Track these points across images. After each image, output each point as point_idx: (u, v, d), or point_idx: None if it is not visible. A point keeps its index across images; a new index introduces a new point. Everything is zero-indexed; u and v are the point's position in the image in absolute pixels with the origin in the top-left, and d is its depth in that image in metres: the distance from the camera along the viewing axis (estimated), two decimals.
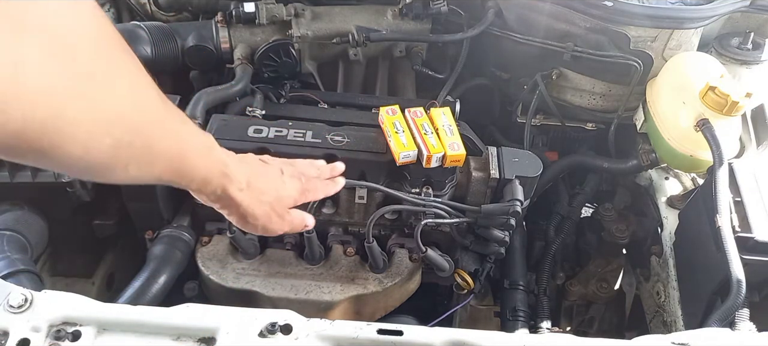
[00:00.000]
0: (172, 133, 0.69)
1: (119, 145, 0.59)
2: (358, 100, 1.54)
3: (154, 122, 0.64)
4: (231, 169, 0.82)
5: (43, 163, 0.57)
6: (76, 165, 0.58)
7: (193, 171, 0.75)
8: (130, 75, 0.60)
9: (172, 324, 0.85)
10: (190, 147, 0.73)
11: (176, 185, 0.76)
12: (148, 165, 0.66)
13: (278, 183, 0.95)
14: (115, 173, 0.63)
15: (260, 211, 0.90)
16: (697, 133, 1.31)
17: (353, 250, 1.32)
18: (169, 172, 0.71)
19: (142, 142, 0.63)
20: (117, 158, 0.61)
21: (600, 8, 1.41)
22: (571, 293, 1.71)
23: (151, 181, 0.70)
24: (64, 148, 0.54)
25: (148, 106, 0.63)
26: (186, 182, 0.76)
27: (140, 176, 0.66)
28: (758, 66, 1.47)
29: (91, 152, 0.57)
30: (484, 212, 1.25)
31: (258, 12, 1.50)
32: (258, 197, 0.89)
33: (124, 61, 0.59)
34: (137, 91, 0.61)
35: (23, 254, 1.23)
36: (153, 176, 0.69)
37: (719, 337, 0.93)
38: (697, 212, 1.30)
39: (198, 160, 0.75)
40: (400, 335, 0.84)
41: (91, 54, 0.54)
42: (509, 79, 1.69)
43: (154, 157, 0.66)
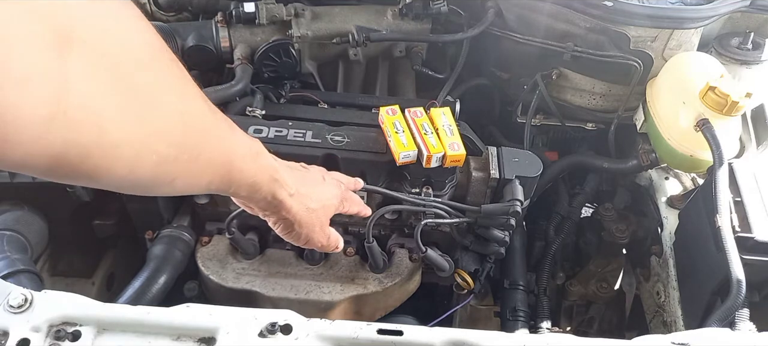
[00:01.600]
0: (219, 142, 0.66)
1: (165, 161, 0.57)
2: (358, 100, 1.54)
3: (200, 134, 0.62)
4: (280, 174, 0.81)
5: (86, 183, 0.54)
6: (121, 184, 0.56)
7: (242, 178, 0.73)
8: (177, 87, 0.57)
9: (172, 324, 0.85)
10: (237, 155, 0.71)
11: (225, 193, 0.74)
12: (195, 177, 0.64)
13: (322, 189, 0.94)
14: (160, 189, 0.61)
15: (307, 218, 0.90)
16: (697, 133, 1.31)
17: (353, 250, 1.32)
18: (218, 181, 0.69)
19: (188, 155, 0.60)
20: (163, 174, 0.58)
21: (600, 8, 1.41)
22: (571, 293, 1.71)
23: (198, 191, 0.69)
24: (110, 170, 0.51)
25: (193, 118, 0.60)
26: (235, 189, 0.74)
27: (188, 188, 0.65)
28: (758, 66, 1.47)
29: (136, 172, 0.54)
30: (484, 212, 1.25)
31: (258, 12, 1.50)
32: (306, 203, 0.88)
33: (171, 73, 0.56)
34: (183, 104, 0.58)
35: (23, 254, 1.23)
36: (201, 187, 0.67)
37: (719, 337, 0.93)
38: (697, 212, 1.30)
39: (246, 167, 0.73)
40: (400, 335, 0.84)
41: (138, 69, 0.51)
42: (509, 79, 1.69)
43: (201, 168, 0.64)
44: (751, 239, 1.17)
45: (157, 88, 0.54)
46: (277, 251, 1.32)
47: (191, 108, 0.59)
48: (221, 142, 0.67)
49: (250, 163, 0.74)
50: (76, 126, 0.45)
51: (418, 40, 1.61)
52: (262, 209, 0.85)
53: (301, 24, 1.52)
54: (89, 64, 0.44)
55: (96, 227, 1.42)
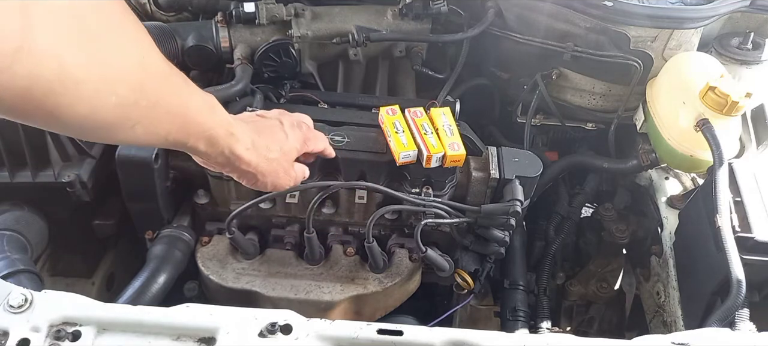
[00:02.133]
0: (176, 91, 0.70)
1: (125, 104, 0.60)
2: (358, 100, 1.54)
3: (158, 81, 0.65)
4: (236, 128, 0.83)
5: (50, 123, 0.57)
6: (83, 124, 0.59)
7: (199, 130, 0.76)
8: (135, 36, 0.61)
9: (172, 324, 0.85)
10: (194, 105, 0.73)
11: (182, 146, 0.76)
12: (154, 124, 0.67)
13: (281, 136, 0.95)
14: (121, 133, 0.64)
15: (268, 168, 0.91)
16: (697, 133, 1.31)
17: (353, 250, 1.32)
18: (175, 131, 0.71)
19: (147, 101, 0.63)
20: (123, 117, 0.62)
21: (600, 8, 1.41)
22: (571, 293, 1.71)
23: (158, 142, 0.71)
24: (71, 107, 0.54)
25: (152, 65, 0.64)
26: (193, 141, 0.76)
27: (147, 136, 0.67)
28: (758, 66, 1.47)
29: (97, 111, 0.57)
30: (484, 212, 1.25)
31: (258, 12, 1.50)
32: (265, 154, 0.90)
33: (129, 23, 0.60)
34: (142, 52, 0.62)
35: (23, 254, 1.23)
36: (159, 137, 0.70)
37: (719, 337, 0.93)
38: (697, 212, 1.30)
39: (203, 119, 0.76)
40: (400, 335, 0.84)
41: (98, 15, 0.55)
42: (509, 79, 1.69)
43: (160, 115, 0.67)
44: (751, 239, 1.17)
45: (117, 34, 0.58)
46: (277, 251, 1.32)
47: (149, 57, 0.63)
48: (178, 91, 0.70)
49: (206, 115, 0.76)
50: (39, 61, 0.49)
51: (418, 40, 1.60)
52: (221, 166, 0.86)
53: (301, 24, 1.52)
54: (51, 9, 0.49)
55: (96, 227, 1.42)
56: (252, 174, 0.90)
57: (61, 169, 1.29)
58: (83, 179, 1.28)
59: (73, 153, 1.31)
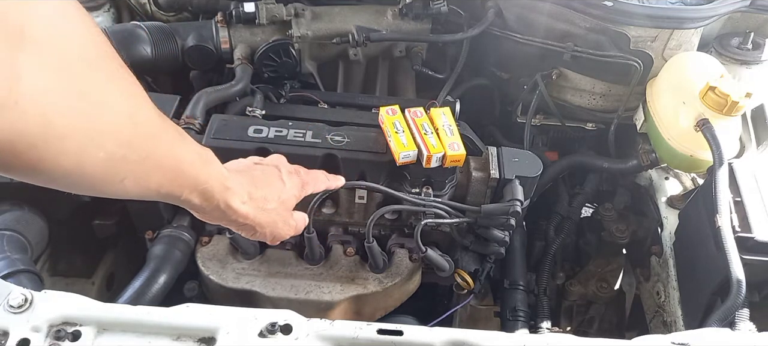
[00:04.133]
0: (168, 145, 0.68)
1: (113, 159, 0.59)
2: (358, 100, 1.54)
3: (149, 136, 0.63)
4: (231, 182, 0.81)
5: (34, 177, 0.56)
6: (68, 179, 0.57)
7: (193, 184, 0.74)
8: (126, 89, 0.59)
9: (172, 324, 0.85)
10: (187, 159, 0.72)
11: (176, 200, 0.74)
12: (144, 179, 0.65)
13: (278, 186, 0.93)
14: (110, 187, 0.62)
15: (267, 219, 0.89)
16: (697, 133, 1.31)
17: (353, 250, 1.32)
18: (167, 184, 0.70)
19: (137, 155, 0.62)
20: (112, 172, 0.60)
21: (600, 8, 1.41)
22: (571, 293, 1.71)
23: (149, 195, 0.69)
24: (55, 161, 0.53)
25: (143, 120, 0.62)
26: (186, 195, 0.74)
27: (137, 189, 0.65)
28: (758, 66, 1.47)
29: (83, 166, 0.56)
30: (484, 212, 1.25)
31: (258, 12, 1.50)
32: (262, 206, 0.88)
33: (120, 76, 0.59)
34: (131, 105, 0.60)
35: (23, 254, 1.23)
36: (150, 190, 0.68)
37: (719, 337, 0.93)
38: (697, 212, 1.30)
39: (196, 172, 0.74)
40: (400, 335, 0.84)
41: (87, 68, 0.54)
42: (509, 79, 1.69)
43: (150, 169, 0.65)
44: (751, 239, 1.17)
45: (106, 88, 0.57)
46: (277, 251, 1.32)
47: (140, 110, 0.61)
48: (170, 145, 0.68)
49: (200, 168, 0.75)
50: (24, 116, 0.48)
51: (418, 40, 1.61)
52: (218, 219, 0.83)
53: (301, 24, 1.52)
54: (39, 60, 0.48)
55: (96, 227, 1.42)
56: (250, 226, 0.88)
57: None
58: None
59: None
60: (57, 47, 0.50)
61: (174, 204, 0.76)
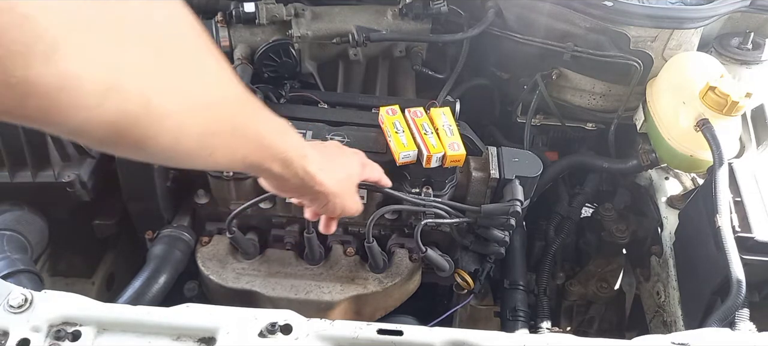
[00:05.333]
0: (252, 115, 0.71)
1: (206, 133, 0.62)
2: (358, 100, 1.54)
3: (235, 107, 0.67)
4: (307, 150, 0.84)
5: (136, 153, 0.59)
6: (166, 154, 0.60)
7: (274, 153, 0.77)
8: (215, 64, 0.62)
9: (172, 324, 0.85)
10: (269, 129, 0.75)
11: (258, 169, 0.77)
12: (232, 150, 0.69)
13: (344, 160, 0.97)
14: (201, 160, 0.65)
15: (339, 189, 0.92)
16: (697, 133, 1.31)
17: (353, 250, 1.32)
18: (252, 154, 0.73)
19: (226, 127, 0.65)
20: (204, 146, 0.63)
21: (600, 8, 1.41)
22: (571, 293, 1.71)
23: (235, 166, 0.72)
24: (156, 139, 0.56)
25: (230, 92, 0.65)
26: (268, 163, 0.77)
27: (225, 161, 0.69)
28: (758, 66, 1.47)
29: (180, 141, 0.59)
30: (484, 212, 1.25)
31: (258, 12, 1.50)
32: (334, 175, 0.91)
33: (209, 51, 0.61)
34: (221, 81, 0.63)
35: (23, 254, 1.23)
36: (236, 161, 0.71)
37: (719, 337, 0.93)
38: (697, 212, 1.30)
39: (278, 142, 0.77)
40: (400, 335, 0.84)
41: (181, 46, 0.57)
42: (509, 79, 1.69)
43: (238, 141, 0.69)
44: (751, 239, 1.17)
45: (198, 64, 0.60)
46: (277, 251, 1.32)
47: (228, 83, 0.65)
48: (254, 116, 0.71)
49: (280, 137, 0.78)
50: (128, 97, 0.51)
51: (418, 40, 1.60)
52: (296, 189, 0.86)
53: (301, 24, 1.52)
54: (138, 41, 0.51)
55: (96, 227, 1.42)
56: (324, 195, 0.90)
57: (61, 170, 1.29)
58: (83, 178, 1.29)
59: (73, 153, 1.31)
60: (153, 27, 0.53)
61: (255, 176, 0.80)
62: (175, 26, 0.57)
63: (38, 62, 0.43)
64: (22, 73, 0.43)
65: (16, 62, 0.43)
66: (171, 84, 0.56)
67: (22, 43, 0.42)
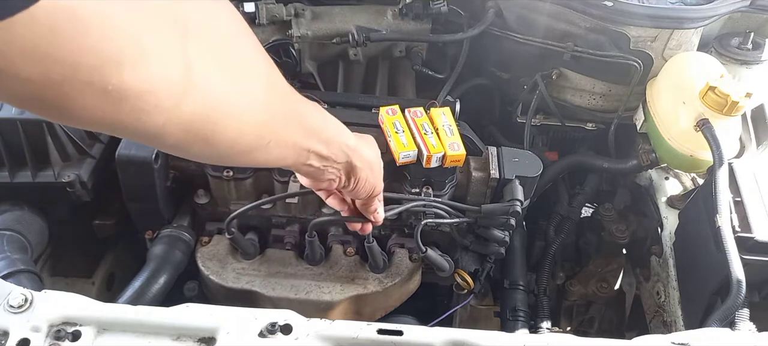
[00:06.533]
0: (295, 103, 0.73)
1: (261, 124, 0.65)
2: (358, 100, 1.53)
3: (282, 98, 0.69)
4: (340, 126, 0.85)
5: (206, 153, 0.61)
6: (230, 150, 0.63)
7: (318, 134, 0.79)
8: (262, 57, 0.65)
9: (172, 324, 0.85)
10: (309, 112, 0.77)
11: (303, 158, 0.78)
12: (283, 138, 0.71)
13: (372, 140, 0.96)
14: (258, 153, 0.68)
15: (376, 161, 0.93)
16: (697, 133, 1.31)
17: (353, 250, 1.32)
18: (300, 140, 0.75)
19: (277, 117, 0.68)
20: (260, 137, 0.66)
21: (600, 8, 1.41)
22: (571, 293, 1.71)
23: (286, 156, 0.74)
24: (223, 134, 0.59)
25: (277, 83, 0.68)
26: (314, 145, 0.78)
27: (278, 150, 0.71)
28: (758, 66, 1.47)
29: (242, 135, 0.62)
30: (484, 212, 1.25)
31: (258, 12, 1.50)
32: (370, 148, 0.92)
33: (257, 46, 0.64)
34: (269, 72, 0.66)
35: (23, 254, 1.23)
36: (288, 148, 0.74)
37: (719, 337, 0.93)
38: (697, 212, 1.30)
39: (317, 123, 0.79)
40: (400, 335, 0.84)
41: (236, 46, 0.59)
42: (509, 79, 1.69)
43: (287, 129, 0.72)
44: (751, 239, 1.17)
45: (251, 60, 0.62)
46: (277, 251, 1.32)
47: (274, 75, 0.67)
48: (296, 103, 0.74)
49: (319, 118, 0.80)
50: (201, 98, 0.53)
51: (418, 40, 1.60)
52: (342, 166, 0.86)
53: (301, 24, 1.52)
54: (203, 45, 0.53)
55: (96, 227, 1.42)
56: (364, 171, 0.90)
57: (61, 170, 1.29)
58: (83, 178, 1.28)
59: (73, 153, 1.31)
60: (213, 28, 0.55)
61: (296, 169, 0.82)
62: (230, 25, 0.59)
63: (129, 68, 0.45)
64: (117, 79, 0.45)
65: (112, 70, 0.44)
66: (233, 80, 0.58)
67: (114, 52, 0.44)
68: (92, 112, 0.46)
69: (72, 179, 1.27)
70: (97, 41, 0.42)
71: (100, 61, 0.43)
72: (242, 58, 0.61)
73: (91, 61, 0.43)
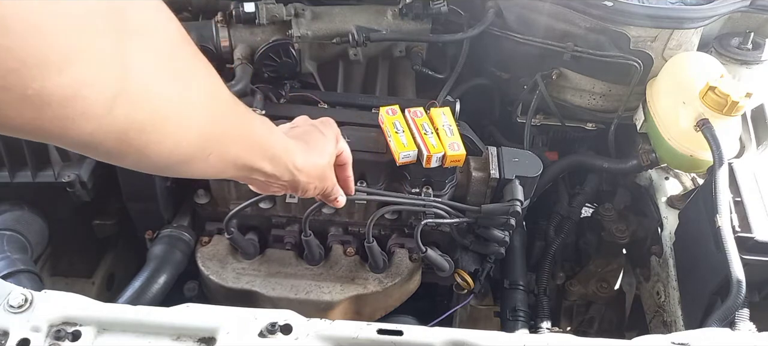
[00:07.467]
0: (241, 118, 0.72)
1: (202, 136, 0.63)
2: (358, 100, 1.53)
3: (227, 110, 0.68)
4: (290, 143, 0.85)
5: (141, 162, 0.59)
6: (167, 160, 0.61)
7: (263, 151, 0.78)
8: (205, 68, 0.64)
9: (172, 324, 0.85)
10: (256, 129, 0.76)
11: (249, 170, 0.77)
12: (225, 151, 0.70)
13: (323, 141, 0.96)
14: (197, 164, 0.66)
15: (322, 173, 0.93)
16: (697, 133, 1.31)
17: (353, 250, 1.32)
18: (243, 154, 0.74)
19: (220, 130, 0.67)
20: (200, 149, 0.64)
21: (600, 8, 1.41)
22: (571, 293, 1.71)
23: (227, 170, 0.73)
24: (159, 144, 0.57)
25: (221, 95, 0.67)
26: (259, 162, 0.78)
27: (219, 163, 0.70)
28: (758, 66, 1.47)
29: (180, 145, 0.60)
30: (484, 212, 1.25)
31: (258, 12, 1.50)
32: (315, 161, 0.91)
33: (199, 55, 0.63)
34: (212, 83, 0.65)
35: (23, 254, 1.23)
36: (228, 163, 0.72)
37: (719, 337, 0.93)
38: (697, 212, 1.30)
39: (265, 140, 0.78)
40: (400, 335, 0.84)
41: (176, 53, 0.58)
42: (509, 79, 1.69)
43: (230, 142, 0.70)
44: (751, 239, 1.17)
45: (193, 68, 0.61)
46: (277, 251, 1.32)
47: (218, 87, 0.66)
48: (243, 117, 0.73)
49: (267, 135, 0.79)
50: (136, 104, 0.51)
51: (418, 40, 1.60)
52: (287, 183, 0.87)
53: (301, 24, 1.52)
54: (142, 49, 0.51)
55: (96, 227, 1.42)
56: (309, 183, 0.91)
57: (61, 170, 1.29)
58: (83, 178, 1.29)
59: (73, 153, 1.31)
60: (154, 34, 0.54)
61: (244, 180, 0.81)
62: (171, 32, 0.57)
63: (53, 72, 0.43)
64: (39, 84, 0.43)
65: (33, 74, 0.42)
66: (172, 89, 0.56)
67: (36, 55, 0.42)
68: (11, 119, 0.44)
69: (72, 179, 1.28)
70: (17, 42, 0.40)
71: (18, 64, 0.41)
72: (184, 66, 0.59)
73: (8, 64, 0.41)
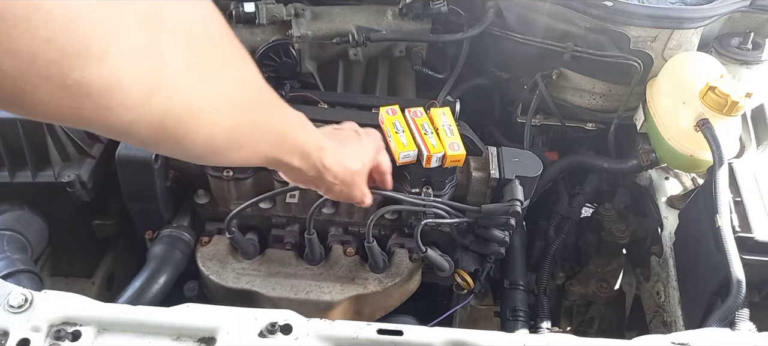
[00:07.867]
0: (274, 109, 0.73)
1: (236, 127, 0.64)
2: (358, 100, 1.53)
3: (260, 102, 0.69)
4: (323, 142, 0.86)
5: (177, 151, 0.61)
6: (202, 150, 0.63)
7: (294, 145, 0.79)
8: (241, 61, 0.64)
9: (172, 324, 0.85)
10: (289, 123, 0.77)
11: (278, 163, 0.79)
12: (257, 143, 0.71)
13: (358, 146, 0.98)
14: (230, 154, 0.68)
15: (349, 178, 0.94)
16: (697, 133, 1.31)
17: (353, 250, 1.32)
18: (274, 147, 0.75)
19: (253, 121, 0.68)
20: (233, 140, 0.66)
21: (600, 8, 1.41)
22: (571, 293, 1.71)
23: (257, 160, 0.74)
24: (195, 134, 0.59)
25: (255, 87, 0.67)
26: (288, 157, 0.79)
27: (250, 154, 0.71)
28: (758, 66, 1.47)
29: (214, 136, 0.62)
30: (484, 212, 1.25)
31: (258, 12, 1.50)
32: (346, 163, 0.92)
33: (236, 49, 0.63)
34: (248, 74, 0.66)
35: (23, 254, 1.23)
36: (259, 154, 0.73)
37: (719, 337, 0.93)
38: (697, 212, 1.30)
39: (297, 134, 0.79)
40: (400, 335, 0.85)
41: (212, 45, 0.59)
42: (509, 79, 1.69)
43: (262, 134, 0.71)
44: (751, 239, 1.17)
45: (228, 60, 0.62)
46: (277, 251, 1.32)
47: (253, 78, 0.67)
48: (276, 110, 0.74)
49: (299, 130, 0.80)
50: (171, 96, 0.53)
51: (418, 40, 1.60)
52: (312, 180, 0.88)
53: (301, 24, 1.52)
54: (176, 43, 0.52)
55: (96, 227, 1.42)
56: (335, 184, 0.91)
57: (61, 170, 1.29)
58: (83, 178, 1.29)
59: (73, 153, 1.31)
60: (188, 26, 0.55)
61: (274, 169, 0.82)
62: (208, 25, 0.58)
63: (93, 63, 0.44)
64: (79, 73, 0.44)
65: (73, 64, 0.43)
66: (207, 81, 0.57)
67: (76, 46, 0.43)
68: (50, 107, 0.45)
69: (72, 179, 1.28)
70: (58, 33, 0.41)
71: (58, 55, 0.42)
72: (219, 60, 0.60)
73: (50, 54, 0.41)
